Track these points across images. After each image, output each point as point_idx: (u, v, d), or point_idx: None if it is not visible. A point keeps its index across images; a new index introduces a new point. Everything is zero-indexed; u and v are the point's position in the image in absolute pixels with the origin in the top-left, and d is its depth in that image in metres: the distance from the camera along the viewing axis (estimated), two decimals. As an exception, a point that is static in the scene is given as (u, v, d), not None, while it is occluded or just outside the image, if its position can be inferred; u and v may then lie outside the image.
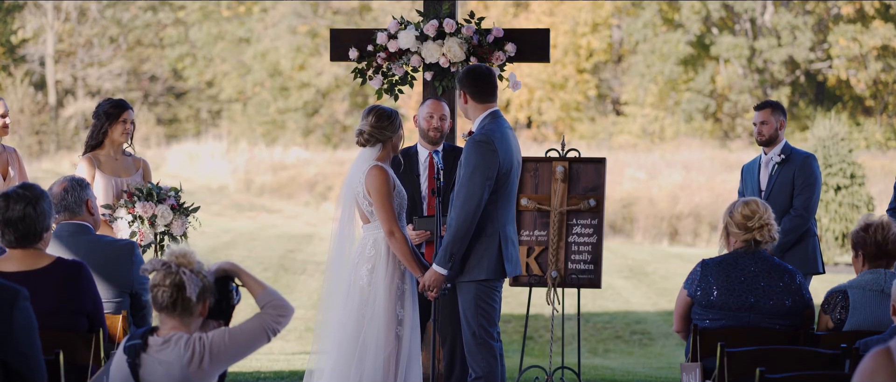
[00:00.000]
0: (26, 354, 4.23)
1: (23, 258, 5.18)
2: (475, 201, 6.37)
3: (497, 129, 6.48)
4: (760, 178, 8.38)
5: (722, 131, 36.06)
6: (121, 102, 7.65)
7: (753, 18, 35.70)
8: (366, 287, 6.41)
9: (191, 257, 4.39)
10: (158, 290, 4.35)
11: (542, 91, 35.15)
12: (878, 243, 5.85)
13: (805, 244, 8.27)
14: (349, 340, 6.39)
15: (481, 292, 6.52)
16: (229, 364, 4.41)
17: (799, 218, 8.22)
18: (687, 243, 26.58)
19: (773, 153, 8.34)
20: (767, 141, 8.33)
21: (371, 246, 6.43)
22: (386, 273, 6.40)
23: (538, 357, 12.87)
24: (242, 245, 20.98)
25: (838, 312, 5.85)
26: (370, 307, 6.38)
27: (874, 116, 35.10)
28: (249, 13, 38.44)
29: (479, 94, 6.55)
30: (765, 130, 8.31)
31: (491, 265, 6.48)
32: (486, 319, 6.53)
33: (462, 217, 6.38)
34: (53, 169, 31.21)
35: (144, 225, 7.42)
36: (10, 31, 37.40)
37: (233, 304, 4.51)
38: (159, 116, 38.95)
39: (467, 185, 6.38)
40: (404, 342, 6.42)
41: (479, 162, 6.38)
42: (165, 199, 7.51)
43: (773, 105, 8.37)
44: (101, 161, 7.59)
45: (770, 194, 8.26)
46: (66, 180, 6.07)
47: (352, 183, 6.49)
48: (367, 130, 6.43)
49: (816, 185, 8.34)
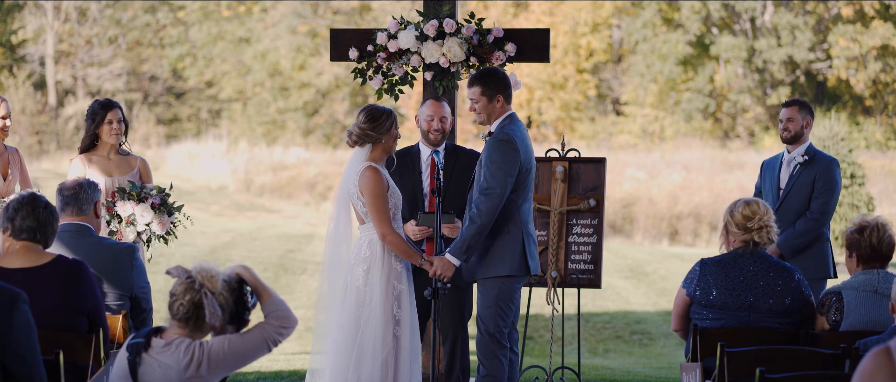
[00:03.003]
0: (25, 356, 4.23)
1: (25, 255, 5.19)
2: (497, 198, 6.45)
3: (517, 130, 6.58)
4: (781, 176, 8.30)
5: (722, 131, 36.06)
6: (107, 101, 7.65)
7: (753, 18, 35.69)
8: (362, 288, 6.42)
9: (216, 280, 4.37)
10: (176, 302, 4.35)
11: (542, 91, 35.15)
12: (873, 245, 5.85)
13: (819, 248, 8.19)
14: (347, 341, 6.40)
15: (504, 290, 6.57)
16: (229, 372, 4.40)
17: (814, 221, 8.14)
18: (687, 243, 26.58)
19: (797, 153, 8.26)
20: (792, 138, 8.25)
21: (367, 247, 6.45)
22: (382, 274, 6.41)
23: (538, 357, 12.87)
24: (242, 245, 20.97)
25: (833, 313, 5.85)
26: (367, 307, 6.40)
27: (874, 116, 35.10)
28: (249, 13, 38.43)
29: (510, 96, 6.69)
30: (791, 126, 8.23)
31: (516, 261, 6.56)
32: (502, 319, 6.58)
33: (485, 213, 6.45)
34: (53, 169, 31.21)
35: (123, 224, 7.41)
36: (10, 32, 37.40)
37: (248, 307, 4.49)
38: (159, 116, 38.95)
39: (491, 182, 6.46)
40: (402, 342, 6.43)
41: (503, 160, 6.46)
42: (147, 198, 7.49)
43: (800, 103, 8.30)
44: (93, 161, 7.63)
45: (788, 193, 8.20)
46: (81, 179, 6.14)
47: (347, 184, 6.50)
48: (355, 131, 6.44)
49: (836, 190, 8.27)
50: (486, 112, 6.66)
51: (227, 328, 4.44)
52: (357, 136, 6.43)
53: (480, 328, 6.62)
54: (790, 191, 8.22)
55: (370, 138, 6.43)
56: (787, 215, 8.16)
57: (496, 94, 6.63)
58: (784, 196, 8.20)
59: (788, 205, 8.22)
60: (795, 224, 8.15)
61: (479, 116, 6.68)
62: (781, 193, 8.24)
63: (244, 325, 4.50)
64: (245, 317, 4.49)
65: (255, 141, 36.52)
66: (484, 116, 6.67)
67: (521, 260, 6.58)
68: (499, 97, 6.64)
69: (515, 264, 6.56)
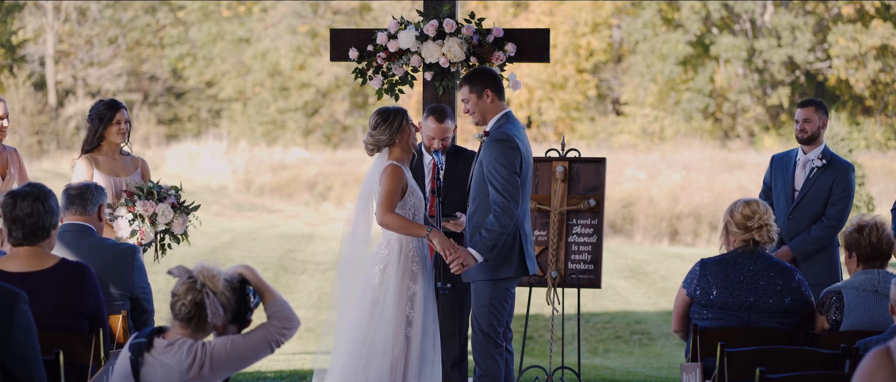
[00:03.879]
0: (25, 357, 4.23)
1: (27, 258, 5.18)
2: (517, 197, 6.47)
3: (514, 129, 6.60)
4: (795, 176, 8.18)
5: (722, 131, 36.05)
6: (114, 102, 7.63)
7: (753, 19, 35.69)
8: (377, 287, 6.46)
9: (218, 279, 4.37)
10: (178, 302, 4.34)
11: (542, 91, 35.15)
12: (873, 244, 5.85)
13: (828, 253, 8.10)
14: (359, 340, 6.42)
15: (498, 290, 6.57)
16: (231, 373, 4.40)
17: (830, 228, 8.04)
18: (687, 243, 26.58)
19: (814, 154, 8.14)
20: (809, 139, 8.12)
21: (385, 246, 6.50)
22: (396, 274, 6.44)
23: (538, 357, 12.87)
24: (242, 245, 20.97)
25: (833, 313, 5.85)
26: (379, 307, 6.43)
27: (874, 115, 35.10)
28: (249, 13, 38.43)
29: (501, 91, 6.71)
30: (808, 127, 8.11)
31: (514, 263, 6.57)
32: (497, 319, 6.58)
33: (510, 214, 6.45)
34: (53, 169, 31.21)
35: (145, 224, 7.41)
36: (10, 32, 37.40)
37: (251, 308, 4.49)
38: (159, 116, 38.95)
39: (504, 184, 6.46)
40: (414, 344, 6.43)
41: (507, 161, 6.48)
42: (166, 197, 7.50)
43: (816, 103, 8.17)
44: (100, 161, 7.58)
45: (804, 196, 8.08)
46: (88, 182, 6.19)
47: (369, 185, 6.53)
48: (369, 140, 6.53)
49: (852, 197, 8.15)
50: (478, 110, 6.68)
51: (229, 328, 4.44)
52: (371, 145, 6.52)
53: (475, 328, 6.62)
54: (806, 194, 8.08)
55: (383, 143, 6.48)
56: (802, 217, 8.07)
57: (484, 89, 6.66)
58: (799, 199, 8.08)
59: (803, 208, 8.10)
60: (811, 230, 8.04)
61: (474, 117, 6.71)
62: (797, 195, 8.12)
63: (246, 325, 4.49)
64: (247, 317, 4.48)
65: (255, 141, 36.52)
66: (478, 116, 6.69)
67: (519, 262, 6.59)
68: (487, 91, 6.66)
69: (514, 266, 6.58)
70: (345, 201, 30.07)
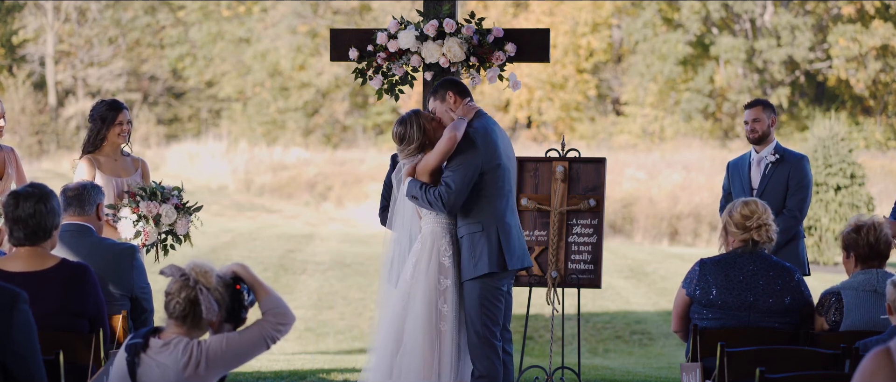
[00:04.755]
0: (25, 356, 4.23)
1: (28, 258, 5.18)
2: (452, 195, 6.50)
3: (482, 126, 6.64)
4: (751, 176, 8.37)
5: (721, 131, 36.06)
6: (116, 103, 7.62)
7: (753, 19, 35.70)
8: (408, 280, 6.56)
9: (210, 275, 4.36)
10: (172, 300, 4.34)
11: (542, 91, 35.16)
12: (871, 244, 5.85)
13: (795, 245, 8.26)
14: (392, 333, 6.52)
15: (486, 289, 6.59)
16: (227, 371, 4.40)
17: (793, 219, 8.22)
18: (687, 243, 26.59)
19: (766, 152, 8.35)
20: (759, 139, 8.35)
21: (419, 241, 6.61)
22: (427, 268, 6.53)
23: (538, 357, 12.87)
24: (242, 245, 20.98)
25: (833, 313, 5.85)
26: (411, 300, 6.50)
27: (874, 115, 35.11)
28: (249, 13, 38.44)
29: (463, 91, 6.77)
30: (758, 127, 8.33)
31: (492, 259, 6.57)
32: (490, 318, 6.59)
33: (441, 202, 6.53)
34: (53, 169, 31.22)
35: (149, 224, 7.41)
36: (10, 32, 37.40)
37: (245, 306, 4.48)
38: (159, 116, 38.95)
39: (448, 177, 6.53)
40: (447, 337, 6.48)
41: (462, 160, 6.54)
42: (169, 198, 7.50)
43: (763, 103, 8.40)
44: (101, 162, 7.57)
45: (763, 193, 8.25)
46: (85, 181, 6.16)
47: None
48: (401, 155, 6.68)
49: (810, 186, 8.38)
50: (446, 116, 6.76)
51: (224, 326, 4.43)
52: (404, 156, 6.65)
53: (469, 329, 6.63)
54: (765, 190, 8.27)
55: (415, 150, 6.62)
56: None
57: (444, 92, 6.76)
58: (758, 196, 8.22)
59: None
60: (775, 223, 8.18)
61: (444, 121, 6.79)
62: (755, 193, 8.29)
63: (241, 323, 4.49)
64: (242, 315, 4.48)
65: (255, 141, 36.53)
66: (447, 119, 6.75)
67: (497, 258, 6.58)
68: (448, 94, 6.74)
69: (492, 261, 6.57)
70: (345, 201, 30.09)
